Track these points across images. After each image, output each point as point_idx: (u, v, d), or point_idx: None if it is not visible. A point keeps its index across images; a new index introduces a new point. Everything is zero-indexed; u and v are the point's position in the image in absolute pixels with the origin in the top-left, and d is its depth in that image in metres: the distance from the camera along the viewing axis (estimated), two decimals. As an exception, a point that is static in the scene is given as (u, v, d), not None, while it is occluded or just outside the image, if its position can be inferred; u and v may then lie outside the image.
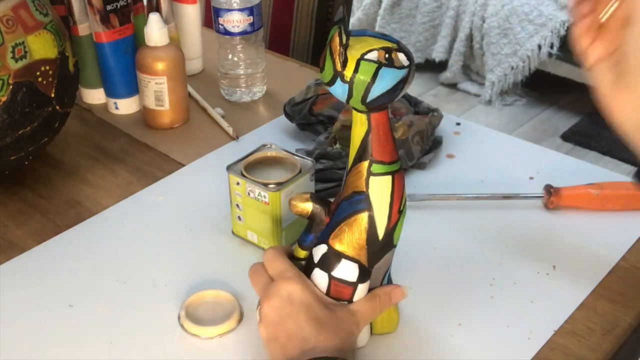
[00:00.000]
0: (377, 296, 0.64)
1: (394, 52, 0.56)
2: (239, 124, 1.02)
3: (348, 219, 0.61)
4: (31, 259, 0.79)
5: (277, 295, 0.62)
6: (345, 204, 0.61)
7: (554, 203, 0.83)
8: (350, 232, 0.61)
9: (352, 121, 0.60)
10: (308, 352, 0.59)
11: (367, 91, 0.56)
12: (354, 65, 0.56)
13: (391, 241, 0.63)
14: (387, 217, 0.61)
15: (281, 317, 0.61)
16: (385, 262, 0.64)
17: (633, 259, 0.77)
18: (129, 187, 0.91)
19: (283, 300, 0.61)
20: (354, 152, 0.60)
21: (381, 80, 0.56)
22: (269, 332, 0.62)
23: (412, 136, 0.89)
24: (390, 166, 0.60)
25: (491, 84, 2.78)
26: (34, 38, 0.83)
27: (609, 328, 0.69)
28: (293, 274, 0.63)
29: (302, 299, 0.61)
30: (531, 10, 2.64)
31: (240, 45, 1.05)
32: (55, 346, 0.68)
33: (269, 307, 0.62)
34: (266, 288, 0.63)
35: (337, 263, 0.62)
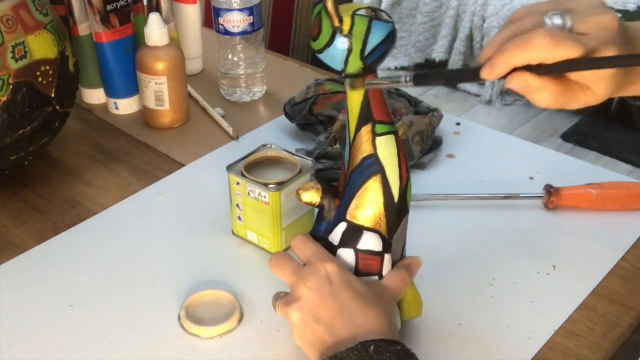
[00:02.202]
0: (401, 268, 0.64)
1: (377, 10, 0.60)
2: (239, 124, 1.02)
3: (362, 186, 0.62)
4: (31, 259, 0.79)
5: (314, 275, 0.60)
6: (356, 174, 0.62)
7: (554, 203, 0.83)
8: (366, 200, 0.62)
9: (347, 93, 0.61)
10: (360, 329, 0.57)
11: (364, 43, 0.59)
12: (349, 20, 0.58)
13: (405, 205, 0.64)
14: (398, 176, 0.62)
15: (322, 297, 0.59)
16: (402, 232, 0.65)
17: (633, 259, 0.77)
18: (129, 187, 0.91)
19: (322, 280, 0.60)
20: (354, 121, 0.61)
21: (375, 31, 0.59)
22: (305, 313, 0.59)
23: (412, 136, 0.89)
24: (391, 126, 0.62)
25: (491, 84, 2.78)
26: (34, 38, 0.83)
27: (609, 328, 0.69)
28: (327, 255, 0.62)
29: (342, 277, 0.60)
30: (531, 10, 2.63)
31: (240, 45, 1.05)
32: (55, 346, 0.68)
33: (307, 288, 0.60)
34: (298, 270, 0.62)
35: (360, 236, 0.62)
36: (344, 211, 0.63)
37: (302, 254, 0.64)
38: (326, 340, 0.58)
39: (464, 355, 0.66)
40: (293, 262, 0.63)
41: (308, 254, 0.63)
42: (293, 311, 0.60)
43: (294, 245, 0.65)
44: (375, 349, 0.55)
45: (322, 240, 0.64)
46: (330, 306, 0.59)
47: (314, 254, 0.62)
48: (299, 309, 0.60)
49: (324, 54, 0.60)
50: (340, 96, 0.96)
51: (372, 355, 0.54)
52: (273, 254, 0.66)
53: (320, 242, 0.64)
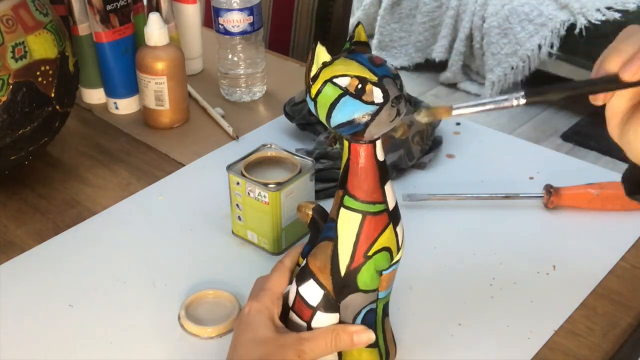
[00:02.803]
0: (335, 331, 0.59)
1: (369, 84, 0.52)
2: (239, 124, 1.02)
3: (322, 241, 0.59)
4: (31, 259, 0.79)
5: (243, 310, 0.62)
6: (326, 225, 0.59)
7: (554, 203, 0.83)
8: (321, 255, 0.58)
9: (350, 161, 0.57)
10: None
11: (328, 116, 0.53)
12: (319, 85, 0.53)
13: (354, 284, 0.58)
14: (349, 256, 0.57)
15: (237, 330, 0.61)
16: (353, 304, 0.59)
17: (633, 259, 0.77)
18: (129, 187, 0.91)
19: (242, 315, 0.62)
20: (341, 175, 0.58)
21: (341, 109, 0.52)
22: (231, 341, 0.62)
23: (412, 136, 0.89)
24: (363, 205, 0.56)
25: (491, 84, 2.78)
26: (34, 38, 0.83)
27: (609, 328, 0.69)
28: (263, 294, 0.62)
29: (255, 318, 0.61)
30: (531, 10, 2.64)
31: (240, 45, 1.05)
32: (55, 346, 0.68)
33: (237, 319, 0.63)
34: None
35: (305, 280, 0.60)
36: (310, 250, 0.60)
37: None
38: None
39: (464, 355, 0.66)
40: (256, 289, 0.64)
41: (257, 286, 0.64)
42: None
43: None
44: None
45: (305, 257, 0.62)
46: (236, 339, 0.61)
47: (255, 290, 0.64)
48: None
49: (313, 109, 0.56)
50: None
51: None
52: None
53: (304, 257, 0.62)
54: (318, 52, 0.54)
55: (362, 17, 3.10)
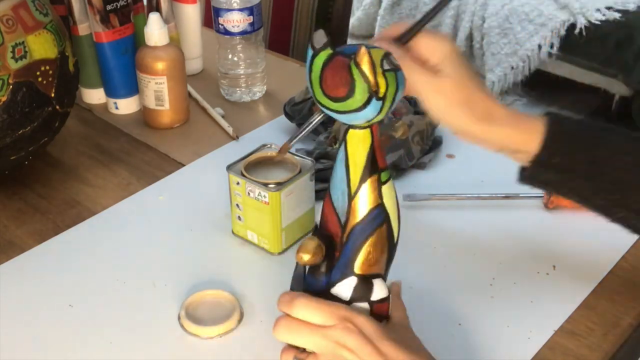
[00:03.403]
0: (395, 298, 0.63)
1: (389, 54, 0.55)
2: (239, 124, 1.02)
3: (370, 239, 0.58)
4: (31, 259, 0.79)
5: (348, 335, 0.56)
6: (360, 228, 0.58)
7: (554, 203, 0.83)
8: (375, 250, 0.58)
9: (349, 145, 0.57)
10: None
11: (393, 101, 0.55)
12: (384, 81, 0.53)
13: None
14: (398, 218, 0.60)
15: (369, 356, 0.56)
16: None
17: (633, 259, 0.77)
18: (129, 187, 0.91)
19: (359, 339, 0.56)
20: (358, 173, 0.57)
21: (401, 85, 0.55)
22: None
23: (412, 136, 0.89)
24: (388, 170, 0.59)
25: (491, 84, 2.78)
26: (34, 38, 0.83)
27: (609, 328, 0.69)
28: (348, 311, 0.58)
29: (375, 330, 0.57)
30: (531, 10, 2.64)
31: (240, 45, 1.05)
32: (55, 346, 0.68)
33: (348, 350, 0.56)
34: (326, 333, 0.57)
35: (372, 288, 0.59)
36: (350, 265, 0.58)
37: (317, 318, 0.58)
38: None
39: (464, 356, 0.66)
40: (308, 324, 0.58)
41: (326, 315, 0.58)
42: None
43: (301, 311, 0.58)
44: None
45: (322, 294, 0.59)
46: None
47: (332, 314, 0.58)
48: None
49: (347, 116, 0.55)
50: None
51: None
52: (277, 320, 0.59)
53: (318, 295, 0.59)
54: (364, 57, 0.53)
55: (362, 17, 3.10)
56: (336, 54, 0.54)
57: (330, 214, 0.60)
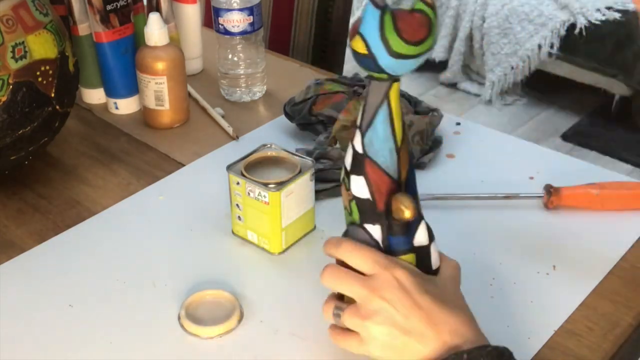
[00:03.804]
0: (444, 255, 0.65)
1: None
2: (239, 124, 1.02)
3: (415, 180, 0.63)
4: (31, 259, 0.79)
5: (388, 285, 0.58)
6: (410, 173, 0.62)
7: (554, 203, 0.83)
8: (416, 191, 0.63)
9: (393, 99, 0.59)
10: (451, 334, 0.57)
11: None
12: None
13: None
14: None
15: (406, 308, 0.57)
16: None
17: (633, 259, 0.77)
18: (129, 187, 0.91)
19: (398, 290, 0.58)
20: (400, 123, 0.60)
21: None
22: (394, 327, 0.58)
23: (412, 136, 0.89)
24: None
25: (491, 84, 2.78)
26: (34, 38, 0.83)
27: (609, 328, 0.69)
28: (390, 260, 0.59)
29: (415, 282, 0.58)
30: (531, 10, 2.64)
31: (240, 45, 1.05)
32: (55, 346, 0.68)
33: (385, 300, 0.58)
34: (366, 283, 0.59)
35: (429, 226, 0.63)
36: (418, 212, 0.61)
37: (360, 263, 0.60)
38: (421, 350, 0.57)
39: (464, 355, 0.66)
40: (353, 273, 0.60)
41: (369, 262, 0.60)
42: (375, 325, 0.58)
43: (345, 253, 0.61)
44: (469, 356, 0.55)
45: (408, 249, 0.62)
46: (418, 316, 0.57)
47: (375, 262, 0.59)
48: (382, 322, 0.58)
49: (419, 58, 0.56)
50: (340, 96, 0.96)
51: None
52: (325, 267, 0.62)
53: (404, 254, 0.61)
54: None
55: (362, 17, 3.09)
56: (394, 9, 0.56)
57: (380, 177, 0.61)
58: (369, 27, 0.56)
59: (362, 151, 0.60)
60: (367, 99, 0.60)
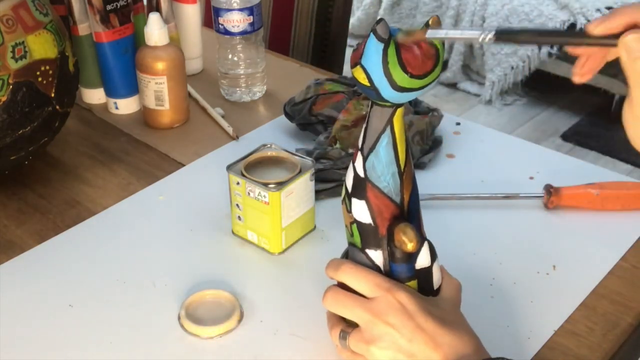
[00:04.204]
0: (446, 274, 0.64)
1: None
2: (239, 124, 1.02)
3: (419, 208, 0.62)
4: (31, 259, 0.79)
5: (390, 309, 0.58)
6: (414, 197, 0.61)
7: (554, 203, 0.83)
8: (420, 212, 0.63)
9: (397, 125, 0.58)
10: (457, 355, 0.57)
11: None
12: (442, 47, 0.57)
13: None
14: None
15: (410, 332, 0.57)
16: None
17: (633, 259, 0.77)
18: (129, 187, 0.91)
19: (401, 313, 0.58)
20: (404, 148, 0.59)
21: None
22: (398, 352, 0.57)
23: (412, 136, 0.89)
24: None
25: (491, 84, 2.78)
26: (34, 38, 0.83)
27: (609, 328, 0.69)
28: (392, 283, 0.59)
29: (417, 305, 0.58)
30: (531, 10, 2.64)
31: (240, 45, 1.05)
32: (55, 346, 0.68)
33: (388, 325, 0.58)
34: (368, 306, 0.59)
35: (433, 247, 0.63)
36: (420, 234, 0.62)
37: (362, 287, 0.60)
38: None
39: (464, 355, 0.66)
40: (354, 296, 0.60)
41: (370, 286, 0.59)
42: (379, 350, 0.58)
43: (346, 276, 0.61)
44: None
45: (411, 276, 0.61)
46: (422, 340, 0.57)
47: (376, 286, 0.59)
48: (387, 347, 0.58)
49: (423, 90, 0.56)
50: (340, 96, 0.96)
51: None
52: (327, 290, 0.62)
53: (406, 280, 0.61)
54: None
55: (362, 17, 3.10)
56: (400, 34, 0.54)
57: (382, 202, 0.60)
58: (371, 60, 0.54)
59: (363, 175, 0.60)
60: (369, 122, 0.59)
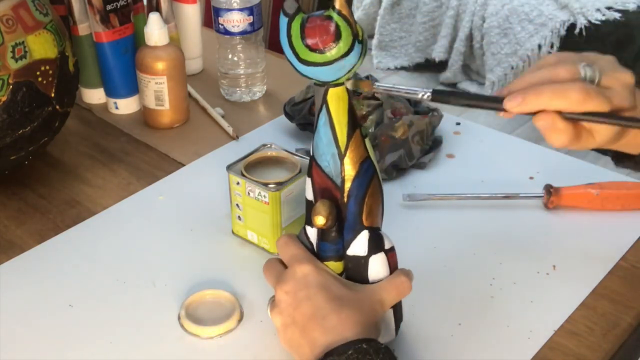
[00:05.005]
0: (400, 273, 0.63)
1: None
2: (239, 124, 1.02)
3: (368, 190, 0.61)
4: (31, 259, 0.79)
5: (291, 278, 0.61)
6: (358, 182, 0.61)
7: (554, 203, 0.83)
8: (374, 201, 0.62)
9: (331, 104, 0.60)
10: (331, 331, 0.57)
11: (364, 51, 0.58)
12: (359, 26, 0.57)
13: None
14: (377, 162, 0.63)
15: (298, 300, 0.59)
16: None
17: (633, 259, 0.77)
18: (129, 187, 0.91)
19: (298, 283, 0.60)
20: (344, 130, 0.60)
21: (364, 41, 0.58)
22: (285, 317, 0.60)
23: (412, 136, 0.89)
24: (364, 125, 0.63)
25: (491, 84, 2.78)
26: (34, 38, 0.83)
27: (609, 328, 0.69)
28: (305, 257, 0.62)
29: (318, 279, 0.60)
30: (531, 10, 2.64)
31: (240, 45, 1.05)
32: (55, 346, 0.68)
33: (284, 292, 0.60)
34: (279, 275, 0.62)
35: (382, 237, 0.62)
36: (358, 220, 0.62)
37: (283, 256, 0.64)
38: (302, 343, 0.59)
39: (464, 355, 0.66)
40: (279, 266, 0.64)
41: (287, 256, 0.63)
42: (274, 315, 0.62)
43: (278, 247, 0.65)
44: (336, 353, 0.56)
45: (335, 256, 0.63)
46: (305, 309, 0.59)
47: (292, 257, 0.62)
48: (279, 312, 0.61)
49: (333, 66, 0.57)
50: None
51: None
52: (268, 259, 0.66)
53: (333, 258, 0.63)
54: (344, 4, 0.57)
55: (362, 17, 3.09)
56: (309, 15, 0.58)
57: (323, 181, 0.62)
58: (281, 34, 0.58)
59: (312, 154, 0.62)
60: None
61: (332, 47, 0.56)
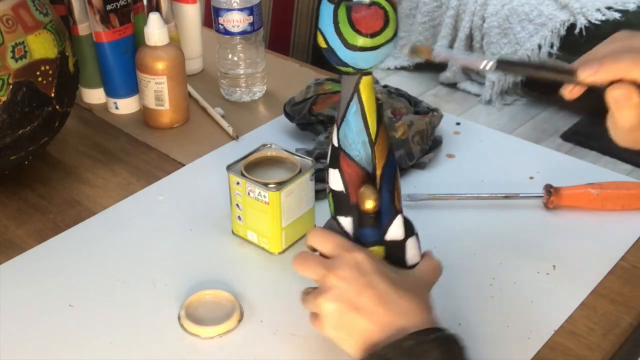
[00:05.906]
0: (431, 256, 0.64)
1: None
2: (239, 124, 1.02)
3: (396, 176, 0.64)
4: (31, 259, 0.79)
5: (345, 265, 0.59)
6: (388, 169, 0.63)
7: (554, 203, 0.83)
8: (399, 187, 0.64)
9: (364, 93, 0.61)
10: (402, 317, 0.57)
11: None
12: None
13: None
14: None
15: (359, 286, 0.58)
16: None
17: (633, 259, 0.77)
18: (129, 187, 0.91)
19: (354, 270, 0.59)
20: (374, 118, 0.61)
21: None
22: (344, 303, 0.58)
23: (412, 136, 0.89)
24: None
25: (491, 84, 2.78)
26: (34, 38, 0.83)
27: (609, 328, 0.69)
28: (353, 245, 0.61)
29: (373, 265, 0.59)
30: (531, 10, 2.64)
31: (240, 45, 1.05)
32: (55, 346, 0.68)
33: (339, 278, 0.59)
34: (326, 264, 0.61)
35: (410, 221, 0.64)
36: (392, 206, 0.63)
37: (325, 247, 0.62)
38: (368, 328, 0.58)
39: (464, 355, 0.66)
40: (318, 257, 0.63)
41: (331, 246, 0.62)
42: (326, 302, 0.59)
43: (314, 239, 0.64)
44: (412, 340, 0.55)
45: (377, 241, 0.63)
46: (370, 295, 0.58)
47: (337, 246, 0.62)
48: (333, 299, 0.59)
49: (379, 51, 0.58)
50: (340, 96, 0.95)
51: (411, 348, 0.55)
52: (297, 254, 0.64)
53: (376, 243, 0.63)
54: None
55: (362, 17, 3.09)
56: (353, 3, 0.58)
57: (355, 171, 0.62)
58: (325, 22, 0.58)
59: (337, 144, 0.63)
60: (341, 93, 0.62)
61: (382, 32, 0.58)
